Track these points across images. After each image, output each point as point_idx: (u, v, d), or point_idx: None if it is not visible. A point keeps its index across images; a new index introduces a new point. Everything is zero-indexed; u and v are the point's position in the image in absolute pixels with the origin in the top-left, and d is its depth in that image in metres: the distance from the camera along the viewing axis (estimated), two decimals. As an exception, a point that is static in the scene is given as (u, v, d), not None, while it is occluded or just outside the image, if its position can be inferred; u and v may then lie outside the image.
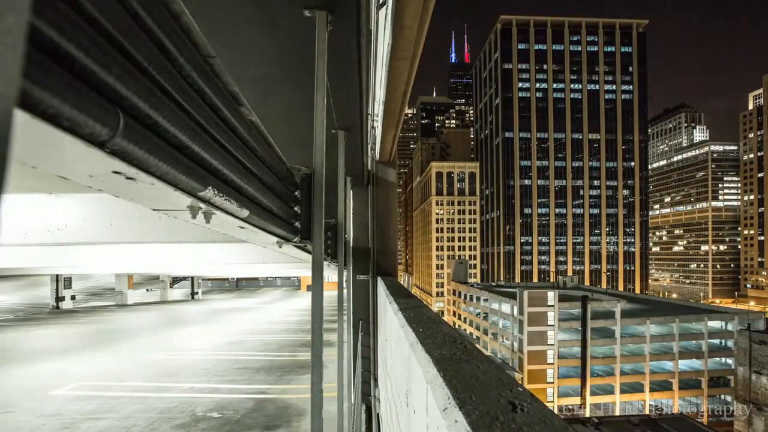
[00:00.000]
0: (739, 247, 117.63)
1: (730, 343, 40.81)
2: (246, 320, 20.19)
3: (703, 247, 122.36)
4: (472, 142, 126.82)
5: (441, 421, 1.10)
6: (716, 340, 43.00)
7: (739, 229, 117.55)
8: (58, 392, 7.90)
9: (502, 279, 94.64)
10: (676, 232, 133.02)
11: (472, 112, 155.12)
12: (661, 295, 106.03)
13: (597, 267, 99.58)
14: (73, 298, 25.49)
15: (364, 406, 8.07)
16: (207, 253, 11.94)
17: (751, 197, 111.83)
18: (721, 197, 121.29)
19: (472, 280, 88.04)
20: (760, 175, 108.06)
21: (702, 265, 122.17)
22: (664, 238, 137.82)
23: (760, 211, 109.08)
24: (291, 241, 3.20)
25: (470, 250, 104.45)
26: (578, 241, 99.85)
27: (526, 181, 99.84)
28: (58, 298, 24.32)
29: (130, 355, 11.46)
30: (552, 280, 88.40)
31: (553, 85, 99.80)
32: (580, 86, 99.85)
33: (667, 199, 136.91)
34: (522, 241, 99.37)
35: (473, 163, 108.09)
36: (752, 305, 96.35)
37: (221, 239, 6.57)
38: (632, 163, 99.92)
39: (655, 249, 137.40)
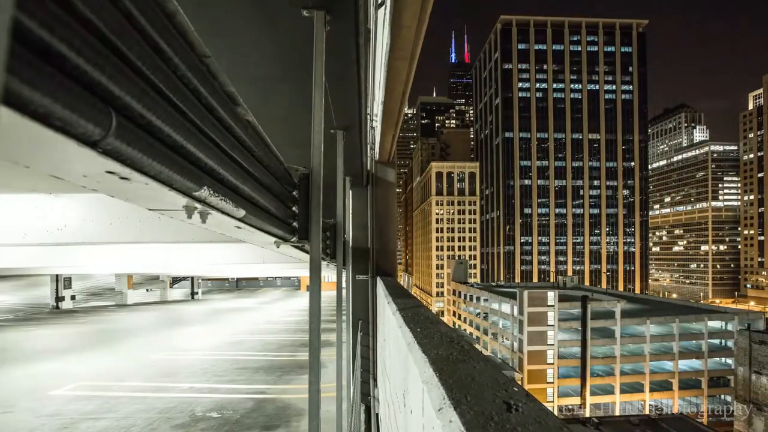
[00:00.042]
0: (739, 247, 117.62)
1: (730, 343, 40.81)
2: (246, 320, 20.20)
3: (703, 247, 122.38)
4: (472, 142, 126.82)
5: (436, 421, 1.10)
6: (716, 340, 43.02)
7: (739, 229, 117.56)
8: (58, 392, 7.91)
9: (502, 279, 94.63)
10: (676, 232, 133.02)
11: (472, 112, 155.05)
12: (661, 295, 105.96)
13: (597, 267, 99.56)
14: (73, 298, 25.50)
15: (363, 406, 8.07)
16: (207, 253, 11.95)
17: (751, 197, 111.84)
18: (721, 197, 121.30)
19: (472, 280, 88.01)
20: (760, 175, 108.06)
21: (702, 265, 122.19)
22: (664, 238, 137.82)
23: (760, 211, 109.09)
24: (289, 241, 3.20)
25: (470, 250, 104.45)
26: (578, 241, 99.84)
27: (526, 181, 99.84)
28: (58, 298, 24.33)
29: (129, 355, 11.47)
30: (552, 280, 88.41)
31: (553, 85, 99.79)
32: (580, 86, 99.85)
33: (667, 199, 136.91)
34: (522, 241, 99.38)
35: (473, 163, 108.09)
36: (752, 305, 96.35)
37: (221, 239, 6.57)
38: (632, 163, 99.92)
39: (655, 249, 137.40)
